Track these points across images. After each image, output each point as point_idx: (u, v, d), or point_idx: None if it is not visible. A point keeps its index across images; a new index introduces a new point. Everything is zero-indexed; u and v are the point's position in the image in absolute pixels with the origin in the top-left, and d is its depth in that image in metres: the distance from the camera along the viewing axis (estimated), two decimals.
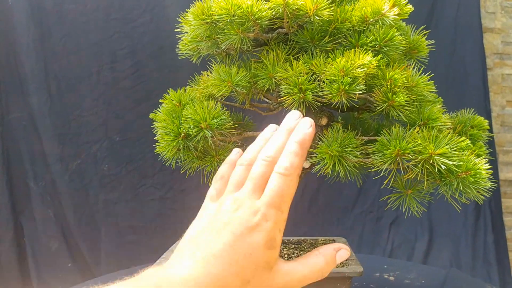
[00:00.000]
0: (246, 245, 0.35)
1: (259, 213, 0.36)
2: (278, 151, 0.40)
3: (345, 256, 0.41)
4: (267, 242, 0.36)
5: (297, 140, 0.40)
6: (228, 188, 0.41)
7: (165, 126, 0.72)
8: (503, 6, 1.56)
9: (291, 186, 0.38)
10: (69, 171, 1.39)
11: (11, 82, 1.36)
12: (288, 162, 0.38)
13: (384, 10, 0.70)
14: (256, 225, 0.36)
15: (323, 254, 0.40)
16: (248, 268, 0.35)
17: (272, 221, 0.37)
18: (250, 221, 0.36)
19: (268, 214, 0.37)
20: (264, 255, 0.36)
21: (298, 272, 0.38)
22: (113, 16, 1.35)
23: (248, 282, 0.35)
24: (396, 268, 1.20)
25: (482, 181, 0.63)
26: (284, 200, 0.38)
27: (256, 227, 0.36)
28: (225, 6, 0.66)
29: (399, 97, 0.66)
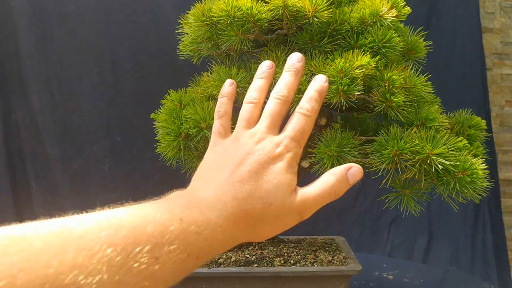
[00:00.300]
0: (269, 172, 0.39)
1: (282, 145, 0.40)
2: (292, 91, 0.45)
3: (357, 174, 0.43)
4: (288, 168, 0.40)
5: (317, 89, 0.44)
6: (240, 124, 0.43)
7: (166, 126, 0.73)
8: (502, 6, 1.57)
9: (311, 126, 0.43)
10: (70, 171, 1.40)
11: (13, 83, 1.37)
12: (310, 105, 0.43)
13: (382, 12, 0.70)
14: (279, 155, 0.40)
15: (333, 173, 0.42)
16: (271, 192, 0.38)
17: (293, 152, 0.41)
18: (273, 151, 0.40)
19: (290, 146, 0.41)
20: (285, 179, 0.39)
21: (311, 192, 0.41)
22: (114, 17, 1.35)
23: (271, 204, 0.38)
24: (395, 267, 1.21)
25: (479, 181, 0.64)
26: (304, 136, 0.42)
27: (279, 156, 0.40)
28: (225, 8, 0.66)
29: (397, 98, 0.67)
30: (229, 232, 0.36)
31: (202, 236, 0.33)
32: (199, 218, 0.34)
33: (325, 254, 0.81)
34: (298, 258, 0.79)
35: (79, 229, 0.27)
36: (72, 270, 0.24)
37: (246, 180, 0.38)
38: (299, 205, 0.40)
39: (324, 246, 0.87)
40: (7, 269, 0.23)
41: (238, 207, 0.36)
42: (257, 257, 0.78)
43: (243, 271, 0.74)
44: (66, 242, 0.26)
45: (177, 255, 0.31)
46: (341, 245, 0.88)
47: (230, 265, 0.75)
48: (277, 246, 0.84)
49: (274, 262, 0.77)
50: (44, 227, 0.26)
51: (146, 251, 0.28)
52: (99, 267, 0.25)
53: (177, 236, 0.31)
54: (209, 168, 0.41)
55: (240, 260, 0.77)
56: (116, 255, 0.27)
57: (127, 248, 0.28)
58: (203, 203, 0.36)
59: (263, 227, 0.39)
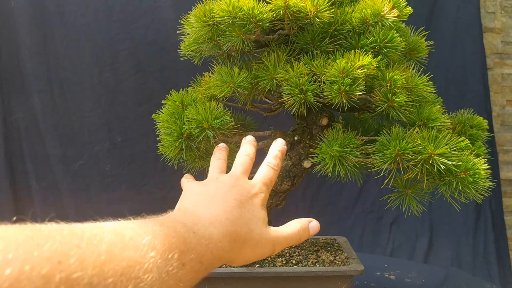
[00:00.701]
0: (249, 204, 0.47)
1: (256, 186, 0.49)
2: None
3: (316, 228, 0.52)
4: (262, 205, 0.48)
5: (280, 149, 0.55)
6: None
7: (168, 126, 0.73)
8: (503, 6, 1.56)
9: (276, 176, 0.53)
10: (71, 172, 1.40)
11: (14, 83, 1.37)
12: (276, 161, 0.53)
13: (383, 12, 0.70)
14: (255, 193, 0.48)
15: (300, 222, 0.51)
16: (252, 220, 0.45)
17: (264, 194, 0.50)
18: (251, 189, 0.48)
19: (262, 188, 0.50)
20: (261, 212, 0.47)
21: (283, 232, 0.48)
22: (115, 17, 1.35)
23: (253, 230, 0.45)
24: (396, 267, 1.21)
25: (481, 181, 0.64)
26: (271, 184, 0.52)
27: (255, 194, 0.48)
28: (226, 8, 0.66)
29: (398, 98, 0.67)
30: (225, 248, 0.41)
31: (210, 249, 0.38)
32: (205, 233, 0.39)
33: (327, 254, 0.81)
34: (300, 258, 0.79)
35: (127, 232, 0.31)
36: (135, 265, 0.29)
37: (233, 207, 0.45)
38: (273, 238, 0.47)
39: (326, 246, 0.87)
40: (97, 258, 0.27)
41: (231, 227, 0.42)
42: None
43: (245, 272, 0.74)
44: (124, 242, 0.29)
45: (195, 264, 0.35)
46: (343, 245, 0.88)
47: (231, 266, 0.75)
48: None
49: (276, 262, 0.77)
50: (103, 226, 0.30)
51: (177, 257, 0.33)
52: (151, 266, 0.30)
53: (194, 247, 0.36)
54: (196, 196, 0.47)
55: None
56: (158, 258, 0.31)
57: (164, 253, 0.32)
58: (204, 221, 0.41)
59: (246, 250, 0.44)
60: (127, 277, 0.28)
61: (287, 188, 0.81)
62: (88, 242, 0.27)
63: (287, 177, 0.80)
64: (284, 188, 0.81)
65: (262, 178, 0.51)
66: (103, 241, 0.28)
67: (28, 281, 0.23)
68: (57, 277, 0.24)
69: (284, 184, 0.80)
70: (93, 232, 0.28)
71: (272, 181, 0.52)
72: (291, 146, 0.81)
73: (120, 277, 0.27)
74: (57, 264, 0.25)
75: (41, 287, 0.24)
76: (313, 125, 0.80)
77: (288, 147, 0.82)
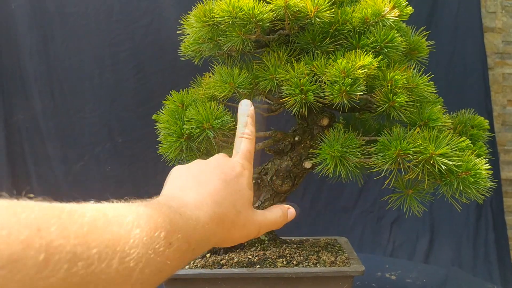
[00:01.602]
0: (235, 183, 0.46)
1: (238, 164, 0.48)
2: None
3: (292, 215, 0.52)
4: (248, 184, 0.47)
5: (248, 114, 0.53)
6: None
7: (168, 127, 0.73)
8: (503, 6, 1.56)
9: (253, 145, 0.52)
10: (72, 173, 1.40)
11: (15, 85, 1.37)
12: (248, 129, 0.52)
13: (384, 12, 0.70)
14: (240, 173, 0.47)
15: (280, 208, 0.51)
16: (238, 201, 0.45)
17: (248, 170, 0.49)
18: (235, 168, 0.47)
19: (245, 165, 0.49)
20: (247, 192, 0.47)
21: (268, 217, 0.49)
22: (115, 18, 1.35)
23: (240, 212, 0.44)
24: (397, 267, 1.21)
25: (482, 181, 0.63)
26: (251, 155, 0.51)
27: (240, 173, 0.47)
28: (226, 8, 0.66)
29: (399, 98, 0.67)
30: (212, 230, 0.41)
31: (197, 230, 0.38)
32: (192, 215, 0.39)
33: (327, 254, 0.81)
34: (301, 259, 0.79)
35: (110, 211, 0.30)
36: (120, 239, 0.28)
37: (219, 189, 0.44)
38: (259, 221, 0.47)
39: (326, 247, 0.87)
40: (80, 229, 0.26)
41: (218, 209, 0.42)
42: (259, 258, 0.78)
43: (246, 272, 0.73)
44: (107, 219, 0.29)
45: (182, 243, 0.35)
46: (343, 246, 0.88)
47: (232, 266, 0.75)
48: (279, 247, 0.83)
49: (276, 263, 0.77)
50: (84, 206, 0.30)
51: (163, 236, 0.32)
52: (136, 242, 0.29)
53: (181, 227, 0.35)
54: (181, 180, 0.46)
55: (242, 261, 0.77)
56: (144, 235, 0.30)
57: (149, 231, 0.31)
58: (190, 205, 0.40)
59: (234, 232, 0.44)
60: (112, 249, 0.27)
61: (287, 189, 0.81)
62: (69, 214, 0.27)
63: (287, 178, 0.80)
64: (285, 189, 0.81)
65: (242, 153, 0.50)
66: (85, 215, 0.28)
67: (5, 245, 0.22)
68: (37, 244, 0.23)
69: (284, 184, 0.80)
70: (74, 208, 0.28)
71: (251, 151, 0.51)
72: (292, 146, 0.81)
73: (105, 248, 0.27)
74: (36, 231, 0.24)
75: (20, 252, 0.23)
76: (314, 126, 0.80)
77: (288, 148, 0.82)
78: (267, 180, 0.81)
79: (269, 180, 0.81)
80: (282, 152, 0.82)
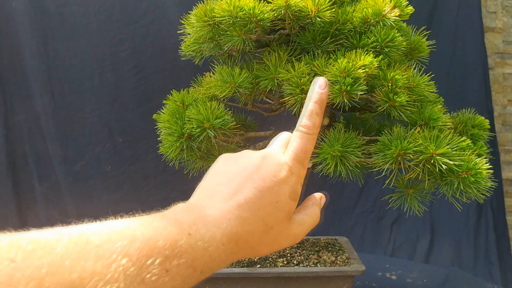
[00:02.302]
0: (273, 193, 0.38)
1: (285, 168, 0.39)
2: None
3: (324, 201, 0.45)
4: (291, 193, 0.39)
5: (316, 100, 0.42)
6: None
7: (169, 126, 0.73)
8: (504, 6, 1.56)
9: (313, 143, 0.42)
10: (72, 173, 1.40)
11: (16, 85, 1.37)
12: (311, 122, 0.41)
13: (385, 12, 0.70)
14: (284, 178, 0.39)
15: (316, 203, 0.44)
16: (272, 215, 0.38)
17: (296, 175, 0.40)
18: (278, 173, 0.39)
19: (293, 168, 0.40)
20: (287, 205, 0.39)
21: (306, 222, 0.42)
22: (115, 17, 1.35)
23: (271, 228, 0.38)
24: (398, 267, 1.21)
25: (482, 180, 0.63)
26: (307, 156, 0.41)
27: (284, 180, 0.39)
28: (227, 8, 0.66)
29: (400, 98, 0.67)
30: (230, 250, 0.36)
31: (208, 252, 0.34)
32: (206, 234, 0.34)
33: (328, 254, 0.81)
34: (301, 258, 0.79)
35: (96, 238, 0.28)
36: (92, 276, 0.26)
37: (250, 199, 0.37)
38: (296, 233, 0.41)
39: (327, 247, 0.87)
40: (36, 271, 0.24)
41: (242, 227, 0.36)
42: (260, 258, 0.78)
43: (246, 272, 0.73)
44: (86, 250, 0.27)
45: (185, 268, 0.32)
46: (344, 246, 0.88)
47: (233, 266, 0.75)
48: None
49: (277, 262, 0.77)
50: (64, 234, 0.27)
51: (158, 263, 0.29)
52: (116, 276, 0.27)
53: (186, 251, 0.32)
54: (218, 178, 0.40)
55: (243, 260, 0.77)
56: (131, 265, 0.28)
57: (141, 259, 0.28)
58: (209, 219, 0.36)
59: (260, 248, 0.39)
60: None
61: None
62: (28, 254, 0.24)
63: None
64: None
65: (293, 152, 0.40)
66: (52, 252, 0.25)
67: None
68: None
69: None
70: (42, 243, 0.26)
71: (308, 151, 0.41)
72: None
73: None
74: None
75: None
76: None
77: None
78: None
79: None
80: None
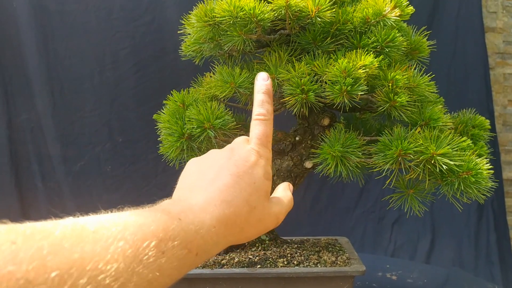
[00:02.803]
0: (249, 175, 0.42)
1: (253, 152, 0.44)
2: None
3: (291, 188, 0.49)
4: (264, 174, 0.43)
5: (263, 91, 0.47)
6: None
7: (169, 126, 0.73)
8: (504, 6, 1.56)
9: (271, 127, 0.46)
10: (72, 172, 1.40)
11: (18, 85, 1.37)
12: (264, 109, 0.46)
13: (385, 12, 0.70)
14: (254, 162, 0.43)
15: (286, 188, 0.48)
16: (253, 195, 0.41)
17: (265, 157, 0.44)
18: (249, 158, 0.43)
19: (260, 152, 0.44)
20: (263, 184, 0.43)
21: (283, 202, 0.46)
22: (115, 15, 1.35)
23: (254, 208, 0.41)
24: (398, 267, 1.21)
25: (483, 181, 0.63)
26: (268, 139, 0.46)
27: (255, 163, 0.43)
28: (227, 8, 0.66)
29: (400, 98, 0.66)
30: (222, 233, 0.38)
31: (200, 235, 0.36)
32: (195, 219, 0.36)
33: (328, 254, 0.81)
34: (302, 259, 0.79)
35: (91, 225, 0.29)
36: (93, 257, 0.27)
37: (230, 185, 0.40)
38: (277, 211, 0.44)
39: (327, 247, 0.87)
40: (37, 252, 0.25)
41: (228, 209, 0.39)
42: (260, 258, 0.78)
43: (246, 272, 0.73)
44: (83, 235, 0.28)
45: (179, 250, 0.33)
46: (344, 246, 0.88)
47: (233, 266, 0.75)
48: (280, 247, 0.83)
49: (277, 263, 0.77)
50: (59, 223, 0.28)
51: (153, 246, 0.31)
52: (116, 257, 0.28)
53: (178, 233, 0.34)
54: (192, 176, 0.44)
55: (243, 261, 0.77)
56: (128, 248, 0.29)
57: (136, 242, 0.30)
58: (196, 208, 0.38)
59: (249, 229, 0.41)
60: (80, 269, 0.26)
61: None
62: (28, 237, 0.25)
63: (288, 177, 0.80)
64: None
65: (257, 138, 0.45)
66: (50, 235, 0.26)
67: None
68: None
69: None
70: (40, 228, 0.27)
71: (269, 135, 0.46)
72: (293, 146, 0.81)
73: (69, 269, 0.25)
74: None
75: None
76: (315, 125, 0.80)
77: (289, 148, 0.81)
78: None
79: None
80: (283, 152, 0.82)
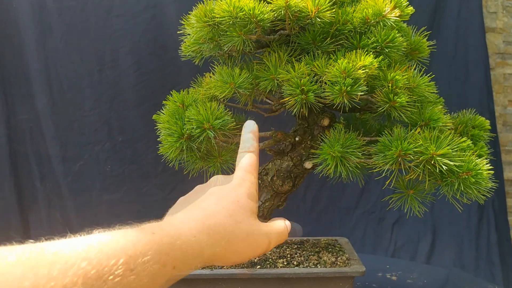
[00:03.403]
0: (232, 194, 0.45)
1: (237, 177, 0.47)
2: None
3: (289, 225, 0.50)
4: (249, 194, 0.46)
5: (251, 131, 0.52)
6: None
7: (169, 127, 0.73)
8: (504, 6, 1.56)
9: (256, 158, 0.50)
10: (72, 172, 1.40)
11: (17, 84, 1.36)
12: (249, 144, 0.51)
13: (385, 12, 0.70)
14: (238, 184, 0.46)
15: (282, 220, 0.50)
16: (237, 211, 0.43)
17: (248, 180, 0.47)
18: (233, 181, 0.47)
19: (244, 177, 0.47)
20: (247, 203, 0.45)
21: (274, 227, 0.47)
22: (114, 13, 1.34)
23: (240, 222, 0.43)
24: (398, 268, 1.20)
25: (483, 181, 0.63)
26: (254, 168, 0.49)
27: (238, 185, 0.46)
28: (227, 8, 0.66)
29: (400, 98, 0.66)
30: (205, 242, 0.39)
31: (177, 246, 0.35)
32: (171, 231, 0.36)
33: (328, 255, 0.81)
34: (301, 259, 0.79)
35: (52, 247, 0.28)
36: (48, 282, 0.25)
37: (213, 203, 0.43)
38: (267, 232, 0.45)
39: (327, 247, 0.87)
40: None
41: (208, 220, 0.40)
42: (260, 259, 0.78)
43: (246, 273, 0.73)
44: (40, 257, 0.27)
45: (151, 265, 0.32)
46: (344, 246, 0.88)
47: (233, 267, 0.75)
48: (280, 248, 0.83)
49: (277, 263, 0.77)
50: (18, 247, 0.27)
51: (121, 263, 0.30)
52: (75, 280, 0.26)
53: (151, 248, 0.33)
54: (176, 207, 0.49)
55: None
56: (91, 268, 0.28)
57: (102, 261, 0.29)
58: (175, 222, 0.39)
59: (238, 243, 0.42)
60: None
61: (288, 189, 0.81)
62: None
63: (288, 178, 0.80)
64: (286, 189, 0.81)
65: (241, 166, 0.48)
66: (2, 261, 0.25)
67: None
68: None
69: (285, 185, 0.80)
70: None
71: (253, 164, 0.49)
72: (292, 146, 0.81)
73: None
74: None
75: None
76: (315, 126, 0.80)
77: (289, 148, 0.81)
78: (267, 180, 0.81)
79: (269, 180, 0.81)
80: (282, 153, 0.82)
